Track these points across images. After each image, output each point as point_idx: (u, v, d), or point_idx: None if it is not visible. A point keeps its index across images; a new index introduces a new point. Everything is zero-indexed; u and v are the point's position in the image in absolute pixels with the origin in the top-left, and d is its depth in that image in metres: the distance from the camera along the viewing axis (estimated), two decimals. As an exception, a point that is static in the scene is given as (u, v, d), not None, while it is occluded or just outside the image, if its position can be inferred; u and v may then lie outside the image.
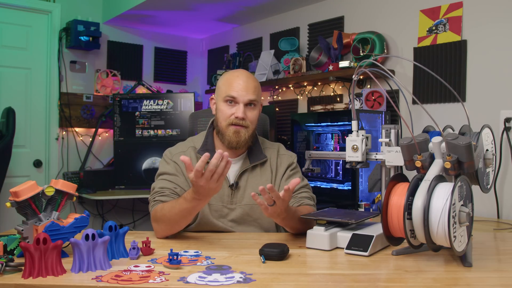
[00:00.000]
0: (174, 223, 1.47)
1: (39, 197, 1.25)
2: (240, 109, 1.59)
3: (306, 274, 1.15)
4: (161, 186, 1.59)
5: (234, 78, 1.63)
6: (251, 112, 1.63)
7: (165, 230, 1.50)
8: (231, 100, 1.61)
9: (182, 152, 1.68)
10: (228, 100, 1.61)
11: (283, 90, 3.56)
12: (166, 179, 1.62)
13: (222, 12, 3.70)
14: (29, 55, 3.67)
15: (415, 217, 1.16)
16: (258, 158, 1.68)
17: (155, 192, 1.58)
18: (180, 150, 1.70)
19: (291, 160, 1.74)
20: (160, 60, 4.37)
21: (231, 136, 1.61)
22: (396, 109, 1.27)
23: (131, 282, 1.04)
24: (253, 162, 1.68)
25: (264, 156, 1.70)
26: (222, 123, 1.62)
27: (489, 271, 1.15)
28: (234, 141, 1.61)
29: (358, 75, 1.40)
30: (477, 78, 2.46)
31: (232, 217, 1.64)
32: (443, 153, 1.25)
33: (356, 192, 2.53)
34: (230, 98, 1.60)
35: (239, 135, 1.61)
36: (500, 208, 2.31)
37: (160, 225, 1.50)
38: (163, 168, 1.65)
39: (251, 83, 1.63)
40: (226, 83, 1.63)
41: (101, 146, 4.01)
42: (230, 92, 1.60)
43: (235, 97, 1.60)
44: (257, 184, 1.64)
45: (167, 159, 1.68)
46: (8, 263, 1.10)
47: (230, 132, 1.61)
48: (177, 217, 1.45)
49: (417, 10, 2.71)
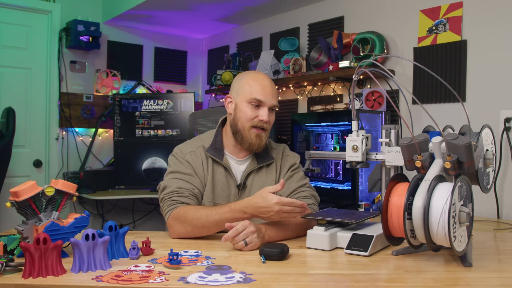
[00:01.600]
0: (206, 228, 1.49)
1: (39, 197, 1.25)
2: (266, 113, 1.60)
3: (306, 274, 1.15)
4: (178, 186, 1.58)
5: (260, 81, 1.63)
6: (272, 116, 1.65)
7: (190, 233, 1.51)
8: (257, 103, 1.61)
9: (192, 152, 1.67)
10: (253, 102, 1.61)
11: (283, 90, 3.56)
12: (182, 179, 1.60)
13: (222, 12, 3.70)
14: (29, 55, 3.67)
15: (415, 217, 1.16)
16: (265, 160, 1.70)
17: (173, 192, 1.57)
18: (190, 149, 1.68)
19: (294, 161, 1.75)
20: (160, 60, 4.37)
21: (253, 139, 1.62)
22: (396, 109, 1.27)
23: (131, 282, 1.04)
24: (261, 163, 1.69)
25: (271, 158, 1.71)
26: (244, 124, 1.62)
27: (489, 271, 1.15)
28: (256, 144, 1.62)
29: (358, 75, 1.40)
30: (477, 78, 2.46)
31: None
32: (443, 153, 1.25)
33: (356, 192, 2.53)
34: (257, 101, 1.60)
35: (260, 139, 1.62)
36: (500, 208, 2.31)
37: (186, 228, 1.50)
38: (176, 167, 1.64)
39: (275, 88, 1.65)
40: (251, 85, 1.62)
41: (101, 146, 4.00)
42: (257, 95, 1.60)
43: (262, 101, 1.60)
44: (262, 184, 1.65)
45: (179, 157, 1.66)
46: (8, 263, 1.10)
47: (252, 135, 1.62)
48: (213, 225, 1.47)
49: (417, 10, 2.71)
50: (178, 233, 1.52)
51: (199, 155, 1.66)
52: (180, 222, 1.51)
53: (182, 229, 1.51)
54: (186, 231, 1.50)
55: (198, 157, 1.65)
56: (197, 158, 1.65)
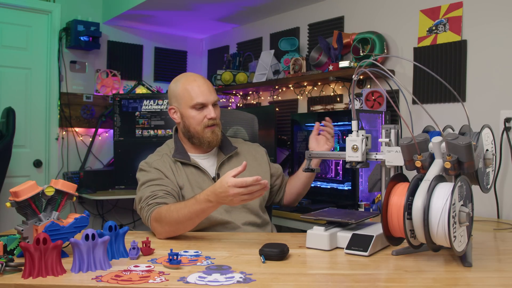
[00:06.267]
0: (180, 224, 1.48)
1: (39, 197, 1.25)
2: (211, 110, 1.69)
3: (306, 274, 1.15)
4: (151, 191, 1.61)
5: (194, 83, 1.69)
6: (217, 110, 1.73)
7: (169, 231, 1.51)
8: (200, 106, 1.68)
9: (158, 160, 1.71)
10: (197, 106, 1.68)
11: (283, 90, 3.56)
12: (153, 184, 1.63)
13: (222, 12, 3.70)
14: (29, 55, 3.67)
15: (415, 217, 1.16)
16: (230, 150, 1.79)
17: (147, 197, 1.59)
18: (156, 158, 1.73)
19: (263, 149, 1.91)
20: (160, 60, 4.37)
21: (210, 136, 1.70)
22: (396, 109, 1.27)
23: (131, 282, 1.04)
24: (227, 153, 1.77)
25: (234, 147, 1.80)
26: (196, 128, 1.70)
27: (489, 271, 1.15)
28: (214, 140, 1.71)
29: (358, 75, 1.40)
30: (477, 78, 2.46)
31: (223, 208, 1.66)
32: (443, 153, 1.25)
33: (356, 192, 2.53)
34: (200, 104, 1.67)
35: (216, 134, 1.72)
36: (500, 208, 2.31)
37: (163, 227, 1.50)
38: (145, 177, 1.67)
39: (209, 84, 1.73)
40: (188, 90, 1.69)
41: (101, 146, 4.01)
42: (197, 99, 1.67)
43: (204, 102, 1.68)
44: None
45: (146, 168, 1.70)
46: (8, 263, 1.10)
47: (208, 134, 1.70)
48: (185, 219, 1.46)
49: (417, 10, 2.71)
50: (159, 233, 1.52)
51: (166, 161, 1.71)
52: (158, 222, 1.51)
53: (161, 228, 1.51)
54: (165, 230, 1.51)
55: (165, 162, 1.70)
56: (164, 164, 1.70)
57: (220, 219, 1.65)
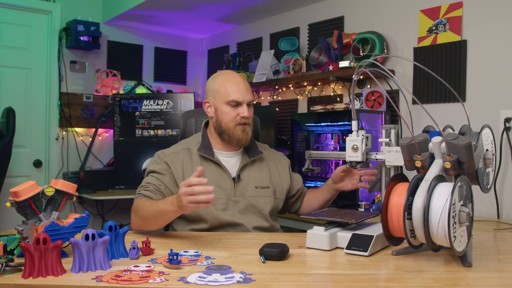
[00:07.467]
0: (146, 219, 1.53)
1: (39, 197, 1.25)
2: (245, 109, 1.70)
3: (306, 274, 1.15)
4: (147, 181, 1.67)
5: (233, 81, 1.71)
6: (251, 110, 1.74)
7: (140, 224, 1.57)
8: (235, 103, 1.69)
9: (175, 153, 1.74)
10: (232, 103, 1.69)
11: (283, 90, 3.56)
12: (152, 176, 1.69)
13: (222, 12, 3.69)
14: (29, 55, 3.67)
15: (415, 217, 1.16)
16: (255, 154, 1.79)
17: (140, 187, 1.67)
18: (172, 151, 1.76)
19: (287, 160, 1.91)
20: (160, 60, 4.37)
21: (240, 135, 1.71)
22: (396, 109, 1.27)
23: (131, 282, 1.04)
24: (252, 157, 1.78)
25: (260, 152, 1.81)
26: (228, 124, 1.70)
27: (489, 271, 1.15)
28: (244, 139, 1.72)
29: (358, 75, 1.40)
30: (477, 78, 2.46)
31: (237, 209, 1.70)
32: (443, 153, 1.25)
33: (356, 192, 2.53)
34: (235, 101, 1.69)
35: (246, 133, 1.72)
36: (500, 208, 2.31)
37: (136, 219, 1.57)
38: (153, 167, 1.72)
39: (247, 84, 1.74)
40: (226, 86, 1.70)
41: (101, 146, 4.00)
42: (234, 96, 1.69)
43: (239, 100, 1.69)
44: (259, 177, 1.76)
45: (158, 159, 1.74)
46: (8, 263, 1.10)
47: (238, 132, 1.70)
48: (150, 215, 1.51)
49: (417, 10, 2.71)
50: (132, 223, 1.60)
51: (180, 156, 1.73)
52: (134, 213, 1.58)
53: (134, 219, 1.58)
54: (137, 223, 1.57)
55: (178, 158, 1.72)
56: (177, 159, 1.72)
57: (231, 220, 1.67)
